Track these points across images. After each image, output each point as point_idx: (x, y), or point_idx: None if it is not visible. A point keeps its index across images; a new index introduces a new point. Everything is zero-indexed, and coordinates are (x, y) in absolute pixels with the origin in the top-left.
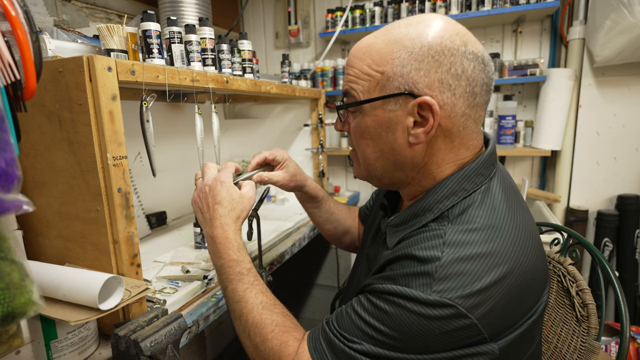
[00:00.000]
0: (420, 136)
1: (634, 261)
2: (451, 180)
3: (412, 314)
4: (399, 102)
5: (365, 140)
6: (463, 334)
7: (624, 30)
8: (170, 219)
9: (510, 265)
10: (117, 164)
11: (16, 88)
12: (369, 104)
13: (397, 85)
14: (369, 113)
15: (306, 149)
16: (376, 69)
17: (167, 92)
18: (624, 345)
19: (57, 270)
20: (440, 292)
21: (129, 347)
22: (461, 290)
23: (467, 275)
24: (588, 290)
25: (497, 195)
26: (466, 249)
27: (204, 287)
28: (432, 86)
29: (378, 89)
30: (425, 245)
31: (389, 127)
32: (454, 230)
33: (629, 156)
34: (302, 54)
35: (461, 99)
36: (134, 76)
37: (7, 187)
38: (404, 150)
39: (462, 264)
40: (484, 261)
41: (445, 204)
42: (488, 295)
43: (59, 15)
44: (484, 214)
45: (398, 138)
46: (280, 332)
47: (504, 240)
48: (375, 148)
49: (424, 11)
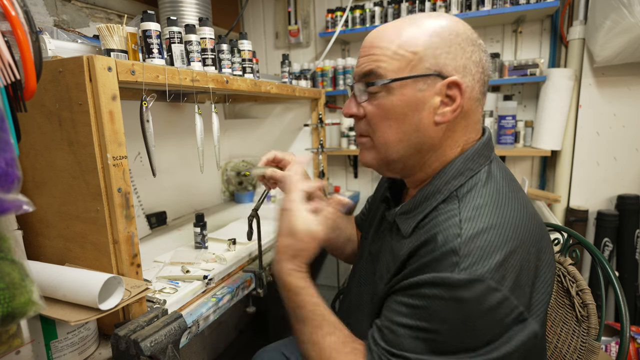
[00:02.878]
0: (447, 114)
1: (634, 261)
2: (457, 161)
3: (450, 301)
4: (427, 82)
5: (389, 122)
6: (501, 312)
7: (624, 30)
8: (170, 219)
9: (524, 234)
10: (117, 164)
11: (16, 88)
12: (399, 82)
13: (427, 67)
14: (396, 92)
15: (306, 149)
16: (408, 49)
17: (167, 92)
18: (624, 345)
19: (57, 270)
20: (468, 269)
21: (129, 347)
22: (487, 264)
23: (488, 247)
24: (588, 290)
25: (498, 175)
26: (482, 222)
27: (204, 287)
28: (458, 69)
29: (409, 68)
30: (445, 226)
31: (416, 107)
32: (467, 207)
33: (629, 156)
34: (302, 54)
35: (478, 84)
36: (134, 76)
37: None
38: (428, 130)
39: (482, 236)
40: (500, 231)
41: (453, 184)
42: (510, 264)
43: (59, 15)
44: (490, 191)
45: (423, 118)
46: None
47: (511, 212)
48: (399, 129)
49: (423, 11)
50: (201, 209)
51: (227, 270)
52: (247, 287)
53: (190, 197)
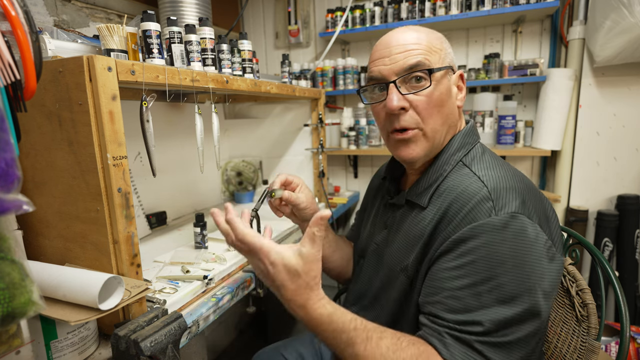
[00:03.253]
0: (463, 99)
1: (634, 261)
2: (457, 137)
3: (496, 243)
4: (450, 73)
5: (436, 108)
6: (540, 244)
7: (624, 30)
8: (170, 219)
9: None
10: (117, 164)
11: (16, 88)
12: (441, 72)
13: (448, 61)
14: (442, 82)
15: (306, 149)
16: (436, 46)
17: (167, 92)
18: (624, 345)
19: (57, 270)
20: (503, 209)
21: (129, 347)
22: (515, 202)
23: (508, 188)
24: (588, 290)
25: (488, 149)
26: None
27: (204, 287)
28: (455, 64)
29: (441, 61)
30: (467, 184)
31: (449, 94)
32: (478, 167)
33: (629, 156)
34: (302, 54)
35: None
36: (134, 76)
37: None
38: (455, 114)
39: (501, 183)
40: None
41: (458, 155)
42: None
43: (59, 15)
44: (489, 157)
45: (453, 102)
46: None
47: (511, 168)
48: (442, 114)
49: (423, 11)
50: (201, 209)
51: (227, 270)
52: (247, 287)
53: (190, 197)
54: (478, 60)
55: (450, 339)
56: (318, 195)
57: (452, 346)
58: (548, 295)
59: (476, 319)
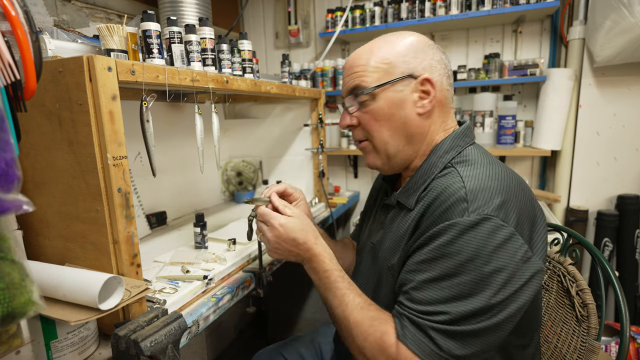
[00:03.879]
0: (426, 105)
1: (634, 261)
2: (446, 140)
3: (464, 242)
4: (404, 83)
5: (380, 122)
6: (511, 246)
7: (624, 30)
8: (170, 219)
9: (514, 184)
10: (117, 164)
11: (16, 88)
12: (382, 88)
13: (401, 71)
14: (381, 97)
15: (306, 149)
16: (383, 61)
17: (167, 92)
18: (624, 345)
19: (57, 270)
20: (476, 211)
21: (129, 347)
22: (491, 204)
23: (488, 190)
24: (588, 290)
25: (482, 149)
26: (480, 175)
27: (204, 287)
28: (426, 68)
29: (386, 76)
30: (448, 184)
31: (400, 105)
32: (464, 169)
33: (629, 156)
34: (302, 54)
35: (443, 77)
36: (134, 76)
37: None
38: (414, 121)
39: (483, 183)
40: (496, 180)
41: (446, 158)
42: (510, 206)
43: (59, 15)
44: (480, 157)
45: (408, 112)
46: (379, 324)
47: (502, 169)
48: (390, 126)
49: (423, 11)
50: (201, 209)
51: (227, 270)
52: (247, 287)
53: (190, 197)
54: (478, 60)
55: (407, 321)
56: (318, 195)
57: (407, 328)
58: (516, 297)
59: (435, 309)
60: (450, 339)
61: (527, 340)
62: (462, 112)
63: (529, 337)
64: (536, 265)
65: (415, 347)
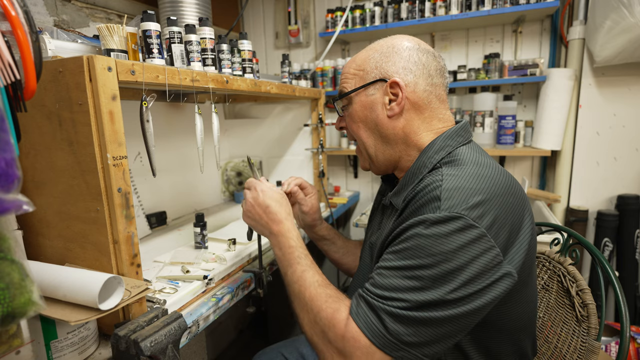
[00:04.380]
0: (394, 108)
1: (634, 261)
2: (437, 140)
3: (430, 237)
4: (376, 87)
5: (357, 124)
6: (478, 247)
7: (624, 30)
8: (170, 219)
9: (501, 187)
10: (117, 164)
11: (16, 88)
12: (355, 93)
13: (373, 76)
14: (356, 101)
15: (306, 149)
16: (358, 68)
17: (167, 92)
18: (624, 345)
19: (57, 270)
20: (448, 209)
21: (129, 347)
22: (465, 204)
23: (467, 189)
24: (588, 290)
25: (477, 149)
26: (462, 173)
27: (204, 287)
28: (398, 71)
29: (360, 82)
30: (428, 182)
31: (371, 108)
32: (449, 168)
33: (629, 156)
34: (302, 54)
35: (421, 78)
36: (134, 76)
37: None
38: (386, 123)
39: (462, 181)
40: (479, 181)
41: (435, 158)
42: (487, 207)
43: (59, 15)
44: (471, 157)
45: (379, 114)
46: (333, 301)
47: (491, 170)
48: (366, 128)
49: (423, 11)
50: (201, 209)
51: (227, 270)
52: (247, 287)
53: (190, 197)
54: (478, 60)
55: (363, 302)
56: (318, 195)
57: (361, 307)
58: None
59: (392, 295)
60: (400, 323)
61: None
62: (462, 112)
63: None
64: (504, 269)
65: (364, 326)
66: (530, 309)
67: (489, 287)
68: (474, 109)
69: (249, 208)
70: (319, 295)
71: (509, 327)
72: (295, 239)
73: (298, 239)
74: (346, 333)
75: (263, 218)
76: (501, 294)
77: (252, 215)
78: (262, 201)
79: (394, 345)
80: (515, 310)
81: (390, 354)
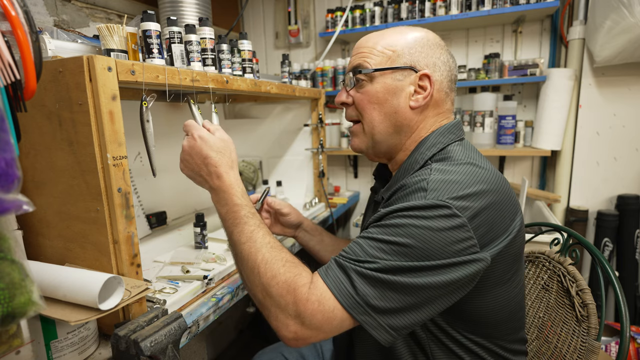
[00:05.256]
0: (420, 100)
1: (634, 261)
2: (431, 136)
3: (413, 218)
4: (404, 74)
5: (373, 105)
6: (457, 234)
7: (624, 30)
8: (170, 219)
9: (490, 184)
10: (117, 164)
11: (16, 88)
12: (381, 72)
13: (404, 61)
14: (379, 81)
15: (306, 149)
16: (389, 48)
17: (167, 92)
18: (624, 345)
19: (57, 270)
20: (434, 198)
21: (129, 347)
22: (450, 194)
23: (454, 183)
24: (588, 290)
25: (469, 146)
26: (452, 169)
27: (204, 287)
28: (429, 65)
29: (389, 62)
30: (417, 174)
31: (395, 93)
32: (439, 164)
33: (629, 156)
34: (302, 54)
35: (445, 79)
36: (134, 76)
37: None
38: (405, 113)
39: (449, 176)
40: (469, 177)
41: (427, 154)
42: (473, 201)
43: (59, 15)
44: (462, 155)
45: (401, 102)
46: (292, 266)
47: (483, 169)
48: (382, 111)
49: (423, 11)
50: (201, 209)
51: (227, 270)
52: None
53: (190, 197)
54: (478, 60)
55: (334, 264)
56: (318, 195)
57: (331, 268)
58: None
59: (365, 259)
60: (369, 285)
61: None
62: (462, 112)
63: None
64: (479, 256)
65: (333, 284)
66: (511, 307)
67: (459, 265)
68: (474, 109)
69: (185, 157)
70: (273, 259)
71: (484, 322)
72: (240, 196)
73: (244, 196)
74: (310, 295)
75: (203, 169)
76: (470, 276)
77: (189, 165)
78: (200, 150)
79: (360, 308)
80: (493, 305)
81: (356, 317)
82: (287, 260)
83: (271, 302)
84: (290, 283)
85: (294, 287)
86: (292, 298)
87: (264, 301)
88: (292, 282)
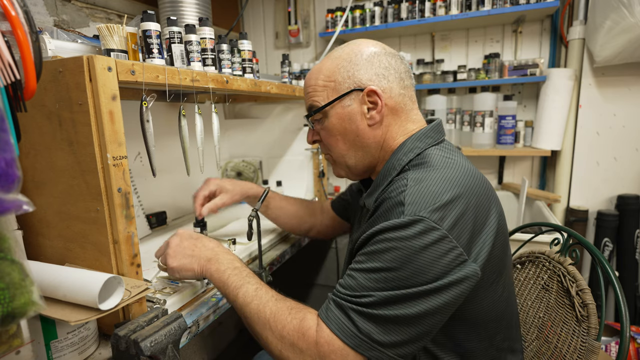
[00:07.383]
0: (375, 116)
1: (634, 261)
2: (407, 142)
3: (395, 240)
4: (351, 98)
5: (335, 137)
6: (440, 247)
7: (624, 30)
8: (170, 219)
9: (463, 188)
10: (117, 164)
11: (16, 88)
12: (330, 106)
13: (347, 86)
14: (332, 114)
15: (306, 149)
16: (329, 79)
17: (167, 92)
18: (624, 345)
19: (57, 270)
20: (411, 214)
21: (129, 347)
22: (427, 207)
23: (429, 195)
24: (588, 290)
25: (448, 147)
26: (426, 177)
27: (204, 287)
28: (372, 79)
29: (334, 93)
30: (395, 187)
31: (350, 119)
32: (415, 171)
33: (629, 156)
34: (302, 54)
35: (394, 82)
36: (134, 76)
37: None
38: (367, 133)
39: (425, 187)
40: (442, 184)
41: (404, 160)
42: (449, 209)
43: (59, 15)
44: (439, 158)
45: (360, 125)
46: (297, 312)
47: (456, 172)
48: (345, 140)
49: (423, 11)
50: None
51: None
52: None
53: (190, 197)
54: (478, 60)
55: (332, 304)
56: (318, 195)
57: (331, 310)
58: (440, 294)
59: (361, 294)
60: (370, 321)
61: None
62: (462, 112)
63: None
64: (469, 269)
65: (336, 327)
66: (500, 306)
67: (451, 285)
68: (474, 109)
69: (175, 249)
70: (280, 310)
71: (475, 321)
72: (237, 260)
73: (238, 260)
74: (319, 338)
75: (197, 246)
76: (464, 292)
77: (182, 250)
78: (189, 236)
79: (366, 345)
80: (482, 305)
81: (364, 353)
82: (291, 307)
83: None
84: (298, 329)
85: (302, 332)
86: (304, 344)
87: (282, 354)
88: (300, 327)
